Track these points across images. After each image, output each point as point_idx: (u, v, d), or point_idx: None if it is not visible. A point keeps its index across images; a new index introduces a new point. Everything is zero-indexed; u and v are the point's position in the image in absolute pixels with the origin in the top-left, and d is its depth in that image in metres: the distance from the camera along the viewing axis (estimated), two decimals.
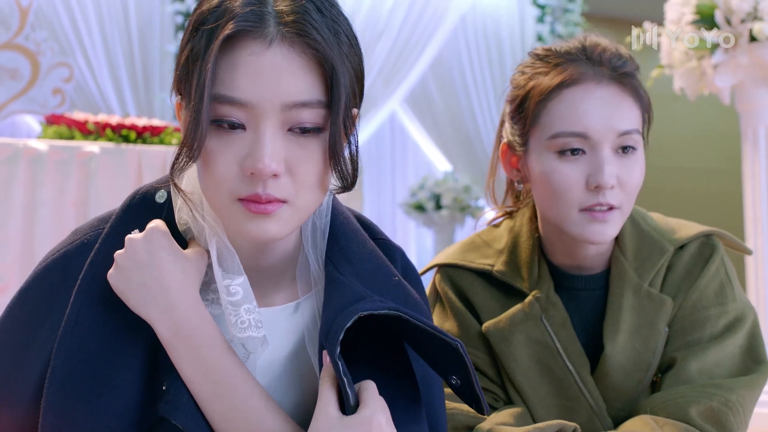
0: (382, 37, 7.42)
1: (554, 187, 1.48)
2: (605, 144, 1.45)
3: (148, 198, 1.18)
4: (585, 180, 1.46)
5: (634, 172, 1.48)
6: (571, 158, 1.47)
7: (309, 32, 1.01)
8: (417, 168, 7.99)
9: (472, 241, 1.71)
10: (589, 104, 1.46)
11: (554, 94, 1.48)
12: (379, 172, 7.94)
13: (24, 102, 5.84)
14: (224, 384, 1.05)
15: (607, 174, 1.44)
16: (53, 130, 3.83)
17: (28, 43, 5.98)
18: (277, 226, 1.05)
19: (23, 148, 3.49)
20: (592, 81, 1.47)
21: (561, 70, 1.49)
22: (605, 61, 1.49)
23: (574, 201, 1.47)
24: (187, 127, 1.02)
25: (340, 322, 1.04)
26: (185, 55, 1.05)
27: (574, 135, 1.46)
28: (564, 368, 1.53)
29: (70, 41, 6.32)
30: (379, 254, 1.23)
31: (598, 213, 1.46)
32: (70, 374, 1.05)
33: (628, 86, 1.48)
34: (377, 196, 7.90)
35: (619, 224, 1.49)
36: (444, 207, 6.60)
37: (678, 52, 2.84)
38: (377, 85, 7.37)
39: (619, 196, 1.47)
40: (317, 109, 1.03)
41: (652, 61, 3.34)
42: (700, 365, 1.47)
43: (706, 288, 1.54)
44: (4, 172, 3.44)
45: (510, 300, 1.60)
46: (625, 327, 1.52)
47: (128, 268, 1.07)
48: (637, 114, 1.49)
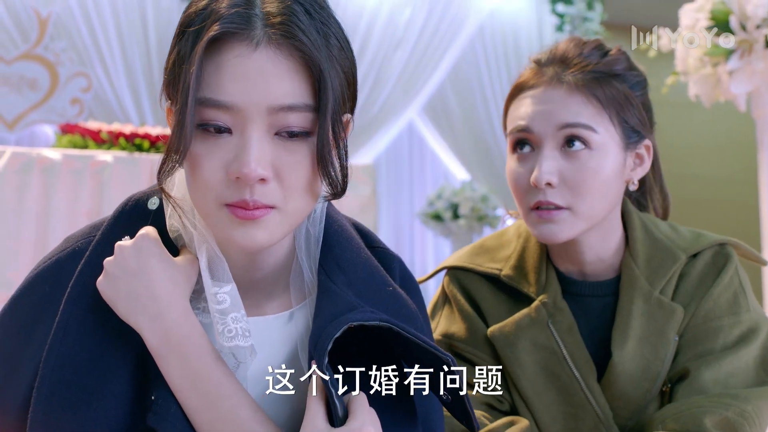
0: (400, 46, 7.42)
1: (511, 185, 1.54)
2: (547, 141, 1.47)
3: (141, 205, 1.17)
4: (530, 177, 1.48)
5: (584, 172, 1.47)
6: (521, 156, 1.52)
7: (296, 34, 0.99)
8: (435, 177, 7.97)
9: (482, 245, 1.70)
10: (536, 102, 1.50)
11: (514, 96, 1.56)
12: (397, 182, 7.93)
13: (43, 112, 5.89)
14: (213, 394, 1.03)
15: (543, 171, 1.46)
16: (67, 140, 3.85)
17: (47, 54, 6.03)
18: (266, 234, 1.03)
19: (37, 157, 3.50)
20: (546, 83, 1.51)
21: (528, 73, 1.55)
22: (569, 61, 1.52)
23: (524, 199, 1.51)
24: (172, 131, 1.01)
25: (330, 331, 1.02)
26: (172, 58, 1.03)
27: (519, 130, 1.51)
28: (570, 375, 1.51)
29: (88, 51, 6.35)
30: (373, 263, 1.21)
31: (544, 212, 1.48)
32: (58, 384, 1.03)
33: (586, 87, 1.48)
34: (395, 205, 7.88)
35: (574, 225, 1.49)
36: (461, 216, 6.56)
37: (692, 59, 2.81)
38: (395, 95, 7.38)
39: (567, 197, 1.47)
40: (305, 112, 1.00)
41: (669, 69, 3.30)
42: (714, 376, 1.44)
43: (720, 297, 1.51)
44: (18, 181, 3.46)
45: (517, 305, 1.59)
46: (633, 334, 1.50)
47: (117, 275, 1.06)
48: (594, 114, 1.48)
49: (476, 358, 1.56)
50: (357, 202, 3.81)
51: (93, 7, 6.41)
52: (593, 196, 1.47)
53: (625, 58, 1.54)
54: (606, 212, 1.52)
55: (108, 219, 1.17)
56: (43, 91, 5.98)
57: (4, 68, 5.89)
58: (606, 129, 1.48)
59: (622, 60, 1.53)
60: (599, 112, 1.47)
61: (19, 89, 5.90)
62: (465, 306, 1.62)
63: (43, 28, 6.09)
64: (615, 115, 1.48)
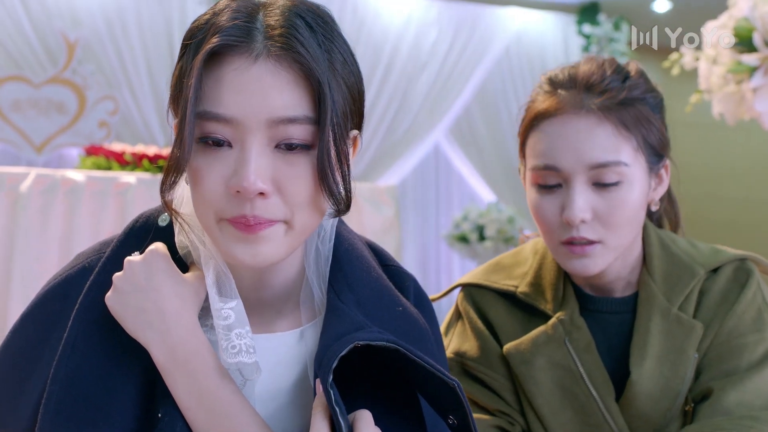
0: (426, 68, 7.45)
1: (537, 219, 1.50)
2: (577, 177, 1.43)
3: (151, 222, 1.16)
4: (560, 213, 1.45)
5: (618, 207, 1.43)
6: (549, 192, 1.47)
7: (295, 46, 0.98)
8: (461, 199, 7.96)
9: (498, 262, 1.68)
10: (561, 137, 1.44)
11: (535, 125, 1.49)
12: (423, 204, 7.93)
13: (70, 135, 5.96)
14: (219, 411, 1.02)
15: (576, 209, 1.41)
16: (92, 161, 3.87)
17: (74, 77, 6.10)
18: (268, 249, 1.02)
19: (61, 179, 3.53)
20: (570, 111, 1.44)
21: (545, 98, 1.49)
22: (591, 87, 1.46)
23: (554, 234, 1.47)
24: (173, 144, 1.00)
25: (335, 349, 1.01)
26: (176, 73, 1.03)
27: (547, 169, 1.45)
28: (587, 394, 1.48)
29: (116, 74, 6.43)
30: (384, 283, 1.20)
31: (576, 247, 1.45)
32: (65, 400, 1.02)
33: (612, 116, 1.43)
34: (421, 227, 7.88)
35: (606, 257, 1.46)
36: (488, 238, 6.54)
37: (716, 76, 2.78)
38: (421, 117, 7.40)
39: (599, 231, 1.44)
40: (305, 125, 0.99)
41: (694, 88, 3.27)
42: (739, 396, 1.40)
43: (744, 314, 1.48)
44: (43, 202, 3.48)
45: (533, 322, 1.56)
46: (652, 352, 1.47)
47: (126, 290, 1.05)
48: (622, 145, 1.43)
49: (488, 378, 1.54)
50: (380, 223, 3.79)
51: (120, 31, 6.49)
52: (625, 227, 1.45)
53: (645, 79, 1.50)
54: (634, 238, 1.51)
55: (118, 236, 1.16)
56: (70, 114, 6.05)
57: (33, 92, 5.97)
58: (635, 158, 1.44)
59: (642, 82, 1.48)
60: (627, 141, 1.43)
61: (47, 113, 5.98)
62: (478, 324, 1.59)
63: (71, 52, 6.16)
64: (641, 141, 1.45)
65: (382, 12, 7.41)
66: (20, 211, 3.45)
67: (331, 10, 1.08)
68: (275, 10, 1.01)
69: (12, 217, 3.46)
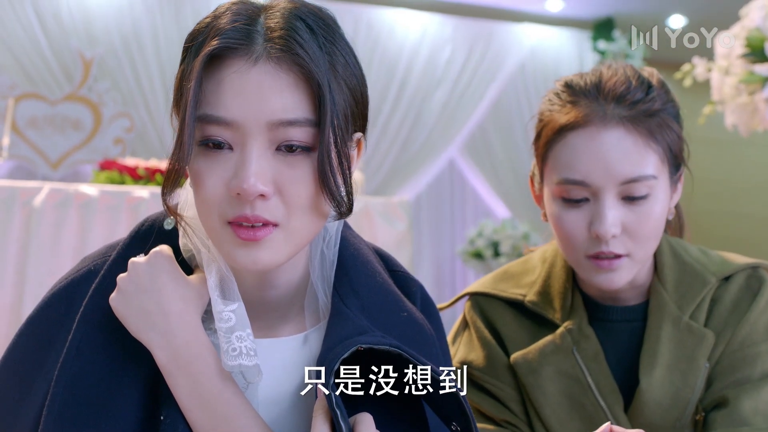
0: (441, 85, 7.45)
1: (561, 232, 1.46)
2: (608, 192, 1.40)
3: (156, 226, 1.17)
4: (588, 227, 1.42)
5: (645, 220, 1.41)
6: (575, 205, 1.43)
7: (294, 48, 0.98)
8: (476, 215, 7.94)
9: (506, 271, 1.67)
10: (590, 151, 1.40)
11: (560, 137, 1.44)
12: (438, 220, 7.92)
13: (86, 152, 5.98)
14: (221, 414, 1.02)
15: (608, 224, 1.39)
16: (105, 176, 3.89)
17: (90, 95, 6.14)
18: (269, 254, 1.02)
19: (74, 193, 3.54)
20: (598, 123, 1.40)
21: (569, 109, 1.44)
22: (618, 98, 1.41)
23: (580, 248, 1.44)
24: (173, 147, 1.00)
25: (338, 352, 1.00)
26: (178, 76, 1.04)
27: (575, 183, 1.41)
28: (595, 404, 1.47)
29: (131, 92, 6.47)
30: (389, 288, 1.19)
31: (604, 261, 1.42)
32: (68, 403, 1.02)
33: (640, 127, 1.40)
34: (435, 243, 7.86)
35: (631, 270, 1.44)
36: (502, 254, 6.52)
37: (728, 87, 2.76)
38: (435, 133, 7.40)
39: (627, 245, 1.42)
40: (305, 127, 0.99)
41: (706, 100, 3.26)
42: (754, 404, 1.39)
43: (757, 322, 1.46)
44: (56, 217, 3.49)
45: (541, 332, 1.55)
46: (662, 360, 1.45)
47: (130, 292, 1.06)
48: (650, 157, 1.40)
49: (495, 387, 1.53)
50: (393, 237, 3.78)
51: (136, 49, 6.53)
52: (651, 239, 1.44)
53: (666, 88, 1.47)
54: (655, 249, 1.49)
55: (124, 239, 1.17)
56: (86, 131, 6.08)
57: (49, 109, 6.00)
58: (661, 170, 1.42)
59: (663, 92, 1.45)
60: (655, 153, 1.40)
61: (62, 130, 6.01)
62: (485, 333, 1.58)
63: (87, 70, 6.20)
64: (666, 151, 1.42)
65: (397, 28, 7.43)
66: (34, 225, 3.46)
67: (333, 13, 1.09)
68: (276, 12, 1.02)
69: (26, 231, 3.48)
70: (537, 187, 1.55)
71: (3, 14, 6.27)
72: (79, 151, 6.03)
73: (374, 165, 7.21)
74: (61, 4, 6.43)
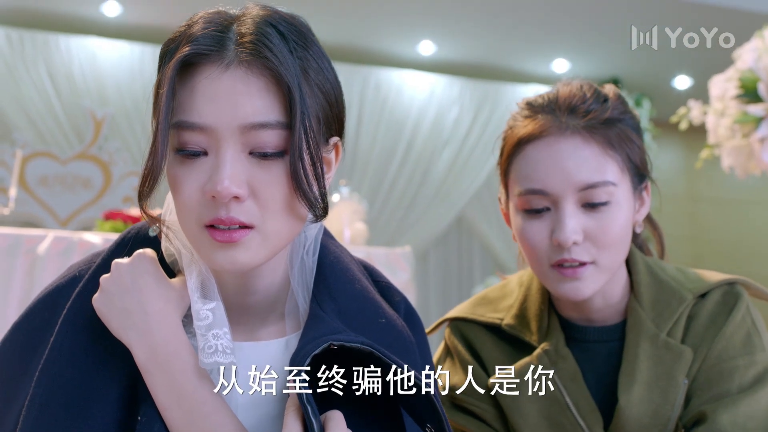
0: (448, 145, 7.51)
1: (525, 244, 1.47)
2: (567, 199, 1.41)
3: (142, 233, 1.19)
4: (550, 236, 1.43)
5: (608, 227, 1.42)
6: (537, 216, 1.44)
7: (263, 52, 1.01)
8: (484, 267, 7.91)
9: (485, 296, 1.67)
10: (548, 159, 1.42)
11: (519, 150, 1.47)
12: (445, 271, 7.89)
13: (96, 210, 6.03)
14: (196, 412, 1.03)
15: (568, 231, 1.40)
16: (109, 225, 3.91)
17: (101, 154, 6.21)
18: (247, 255, 1.03)
19: (78, 241, 3.56)
20: (555, 133, 1.43)
21: (527, 122, 1.47)
22: (573, 109, 1.44)
23: (544, 257, 1.44)
24: (148, 153, 1.03)
25: (309, 349, 1.01)
26: (155, 84, 1.06)
27: (535, 193, 1.43)
28: (574, 423, 1.46)
29: (141, 151, 6.51)
30: (369, 295, 1.20)
31: (568, 269, 1.42)
32: (47, 404, 1.03)
33: (597, 136, 1.42)
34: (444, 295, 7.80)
35: (597, 279, 1.44)
36: None
37: (723, 128, 2.78)
38: (442, 192, 7.43)
39: (591, 252, 1.42)
40: (277, 130, 1.01)
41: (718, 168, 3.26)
42: (732, 418, 1.37)
43: (732, 337, 1.45)
44: (60, 264, 3.50)
45: (520, 354, 1.55)
46: (641, 378, 1.44)
47: (112, 292, 1.07)
48: (609, 165, 1.42)
49: (478, 409, 1.52)
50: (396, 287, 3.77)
51: (146, 108, 6.59)
52: (616, 246, 1.44)
53: (623, 101, 1.50)
54: (623, 260, 1.49)
55: (110, 246, 1.19)
56: (96, 189, 6.14)
57: (59, 168, 6.08)
58: (621, 178, 1.43)
59: (620, 103, 1.48)
60: (614, 161, 1.42)
61: (72, 188, 6.07)
62: (465, 356, 1.58)
63: (98, 129, 6.29)
64: (626, 159, 1.44)
65: (405, 88, 7.51)
66: (38, 272, 3.48)
67: (307, 21, 1.11)
68: (248, 19, 1.04)
69: (30, 279, 3.49)
70: (504, 206, 1.56)
71: (17, 74, 6.38)
72: (89, 208, 6.09)
73: (382, 223, 7.23)
74: (74, 64, 6.54)
